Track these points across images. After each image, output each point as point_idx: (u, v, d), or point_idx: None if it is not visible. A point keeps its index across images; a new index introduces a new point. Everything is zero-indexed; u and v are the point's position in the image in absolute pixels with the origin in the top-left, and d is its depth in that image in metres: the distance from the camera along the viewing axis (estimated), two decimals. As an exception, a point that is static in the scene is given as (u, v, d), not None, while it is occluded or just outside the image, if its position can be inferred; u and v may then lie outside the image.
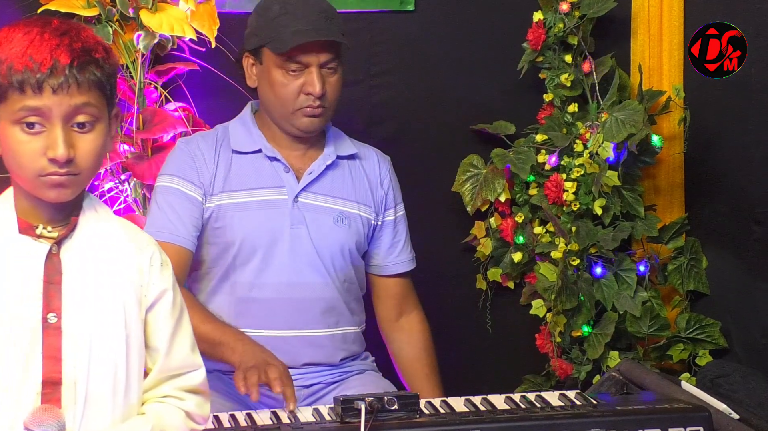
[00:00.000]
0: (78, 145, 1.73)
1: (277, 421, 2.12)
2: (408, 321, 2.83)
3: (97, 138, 1.75)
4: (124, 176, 3.13)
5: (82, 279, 1.77)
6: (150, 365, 1.84)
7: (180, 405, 1.86)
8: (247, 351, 2.38)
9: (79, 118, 1.72)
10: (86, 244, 1.80)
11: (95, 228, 1.82)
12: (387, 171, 2.78)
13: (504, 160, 3.30)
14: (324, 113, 2.62)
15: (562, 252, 3.20)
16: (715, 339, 3.28)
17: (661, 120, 3.34)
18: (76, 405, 1.74)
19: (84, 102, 1.72)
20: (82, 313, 1.76)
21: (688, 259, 3.33)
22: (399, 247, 2.79)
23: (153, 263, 1.85)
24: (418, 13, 3.39)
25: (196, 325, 2.39)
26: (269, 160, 2.64)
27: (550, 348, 3.34)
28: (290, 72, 2.57)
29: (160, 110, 3.10)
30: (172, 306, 1.86)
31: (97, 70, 1.73)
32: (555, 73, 3.32)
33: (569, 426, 2.04)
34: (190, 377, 1.87)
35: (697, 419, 2.07)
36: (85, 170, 1.75)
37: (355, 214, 2.68)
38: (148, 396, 1.85)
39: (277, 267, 2.59)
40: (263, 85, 2.62)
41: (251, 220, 2.59)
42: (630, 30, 3.41)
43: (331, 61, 2.60)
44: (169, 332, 1.85)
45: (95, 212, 1.84)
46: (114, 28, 3.03)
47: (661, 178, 3.41)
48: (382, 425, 2.01)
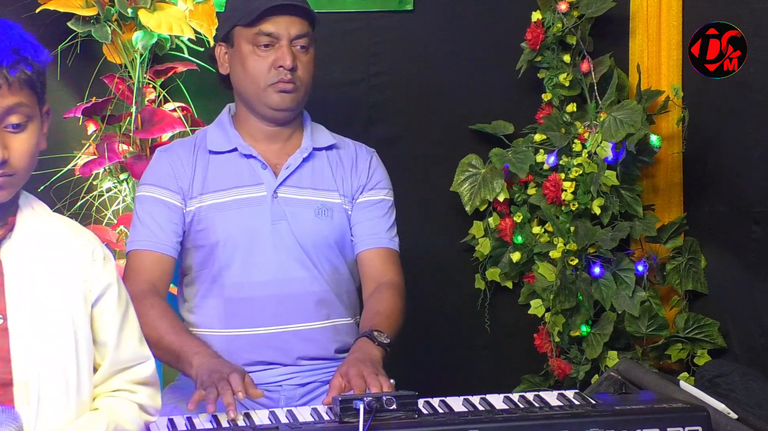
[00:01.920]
0: (12, 145, 1.71)
1: (275, 421, 2.12)
2: (378, 290, 2.67)
3: (30, 137, 1.74)
4: (123, 176, 3.13)
5: (25, 278, 1.77)
6: (99, 360, 1.84)
7: (132, 398, 1.86)
8: (202, 364, 2.34)
9: (11, 119, 1.71)
10: (26, 243, 1.79)
11: (34, 227, 1.81)
12: (366, 160, 2.73)
13: (502, 160, 3.30)
14: (296, 90, 2.61)
15: (560, 252, 3.21)
16: (714, 338, 3.28)
17: (659, 120, 3.34)
18: (29, 405, 1.74)
19: (16, 102, 1.70)
20: (28, 313, 1.75)
21: (686, 259, 3.34)
22: (371, 224, 2.69)
23: (95, 257, 1.84)
24: (416, 13, 3.39)
25: (162, 336, 2.42)
26: (245, 158, 2.63)
27: (549, 347, 3.34)
28: (261, 47, 2.58)
29: (158, 110, 3.10)
30: (118, 299, 1.86)
31: (27, 68, 1.71)
32: (553, 73, 3.33)
33: (568, 426, 2.04)
34: (139, 369, 1.88)
35: (696, 418, 2.07)
36: (20, 170, 1.73)
37: (337, 204, 2.66)
38: (99, 390, 1.84)
39: (261, 265, 2.59)
40: (235, 66, 2.63)
41: (232, 220, 2.59)
42: (628, 30, 3.41)
43: (302, 36, 2.60)
44: (116, 325, 1.84)
45: (32, 210, 1.83)
46: (112, 28, 3.03)
47: (659, 178, 3.41)
48: (381, 425, 2.01)
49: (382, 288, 2.63)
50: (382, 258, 2.68)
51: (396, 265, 2.70)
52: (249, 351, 2.57)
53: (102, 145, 3.07)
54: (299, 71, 2.60)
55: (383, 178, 2.75)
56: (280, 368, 2.60)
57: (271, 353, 2.58)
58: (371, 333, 2.47)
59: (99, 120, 3.11)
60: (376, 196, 2.71)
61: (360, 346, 2.45)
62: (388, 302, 2.60)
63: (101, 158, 3.05)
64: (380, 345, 2.46)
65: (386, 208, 2.72)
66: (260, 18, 2.56)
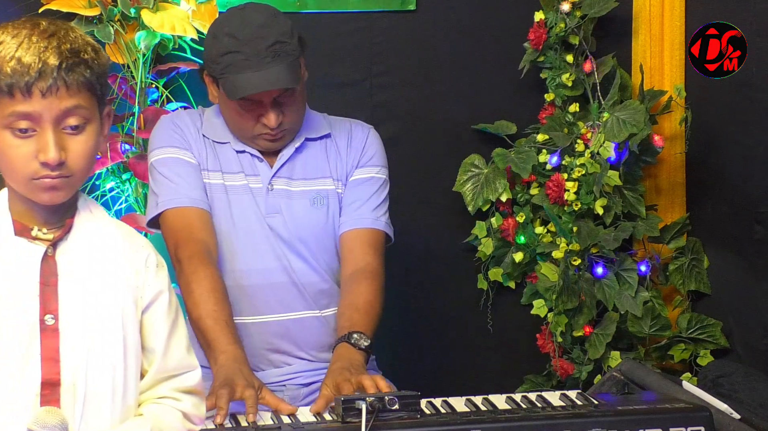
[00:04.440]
0: (69, 147, 1.72)
1: (278, 421, 2.12)
2: (354, 278, 2.57)
3: (88, 139, 1.75)
4: (126, 176, 3.13)
5: (78, 280, 1.77)
6: (146, 366, 1.84)
7: (177, 406, 1.86)
8: (223, 367, 2.31)
9: (70, 121, 1.72)
10: (81, 246, 1.80)
11: (90, 230, 1.82)
12: (361, 137, 2.69)
13: (505, 160, 3.30)
14: (285, 136, 2.59)
15: (563, 252, 3.21)
16: (717, 339, 3.28)
17: (662, 120, 3.34)
18: (75, 407, 1.74)
19: (74, 104, 1.71)
20: (79, 315, 1.76)
21: (689, 259, 3.33)
22: (357, 204, 2.64)
23: (149, 264, 1.85)
24: (419, 12, 3.39)
25: (202, 317, 2.39)
26: (239, 153, 2.62)
27: (551, 348, 3.34)
28: (245, 107, 2.53)
29: (161, 110, 3.10)
30: (168, 307, 1.86)
31: (86, 71, 1.72)
32: (556, 73, 3.33)
33: (570, 426, 2.04)
34: (186, 378, 1.87)
35: (699, 419, 2.07)
36: (78, 172, 1.74)
37: (332, 190, 2.64)
38: (144, 397, 1.85)
39: (260, 253, 2.58)
40: (223, 108, 2.60)
41: (232, 205, 2.57)
42: (631, 30, 3.41)
43: (286, 91, 2.54)
44: (165, 333, 1.85)
45: (90, 213, 1.83)
46: (115, 28, 3.04)
47: (662, 178, 3.41)
48: (383, 425, 2.01)
49: (359, 276, 2.56)
50: (362, 240, 2.61)
51: (376, 248, 2.62)
52: (249, 337, 2.56)
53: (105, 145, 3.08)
54: (287, 117, 2.55)
55: (377, 153, 2.70)
56: (284, 367, 2.60)
57: (274, 341, 2.58)
58: (350, 337, 2.43)
59: (102, 120, 3.11)
60: (366, 173, 2.67)
61: (342, 353, 2.41)
62: (366, 294, 2.53)
63: (104, 158, 3.06)
64: (362, 349, 2.42)
65: (376, 186, 2.66)
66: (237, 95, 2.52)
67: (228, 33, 2.52)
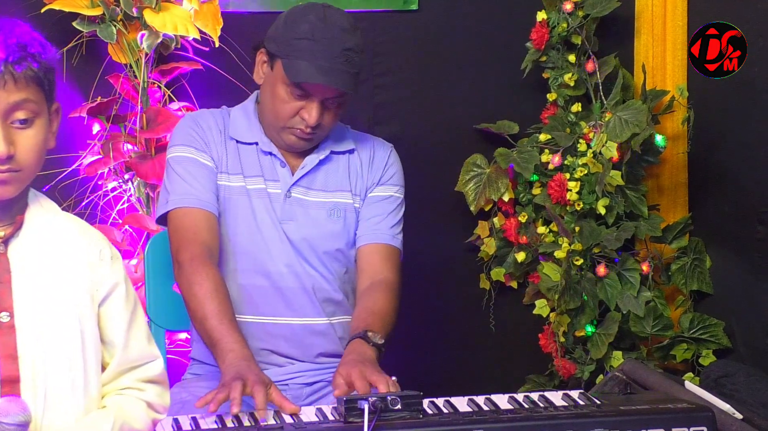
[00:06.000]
0: (18, 141, 1.72)
1: (280, 421, 2.12)
2: (372, 288, 2.62)
3: (37, 134, 1.75)
4: (128, 176, 3.13)
5: (32, 276, 1.77)
6: (108, 359, 1.85)
7: (140, 396, 1.87)
8: (231, 365, 2.30)
9: (18, 115, 1.72)
10: (34, 241, 1.79)
11: (42, 225, 1.81)
12: (383, 156, 2.72)
13: (507, 160, 3.30)
14: (313, 139, 2.61)
15: (565, 252, 3.20)
16: (719, 339, 3.28)
17: (664, 119, 3.34)
18: (36, 401, 1.74)
19: (22, 98, 1.71)
20: (35, 311, 1.76)
21: (691, 259, 3.33)
22: (376, 220, 2.68)
23: (103, 257, 1.85)
24: (421, 12, 3.39)
25: (206, 317, 2.39)
26: (265, 154, 2.64)
27: (554, 347, 3.34)
28: (294, 94, 2.55)
29: (163, 110, 3.10)
30: (125, 299, 1.86)
31: (33, 65, 1.72)
32: (558, 73, 3.33)
33: (573, 426, 2.04)
34: (148, 368, 1.88)
35: (701, 419, 2.07)
36: (27, 167, 1.74)
37: (350, 205, 2.67)
38: (107, 389, 1.85)
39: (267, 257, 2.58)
40: (266, 89, 2.61)
41: (249, 208, 2.59)
42: (633, 30, 3.41)
43: (338, 98, 2.56)
44: (124, 325, 1.85)
45: (41, 208, 1.83)
46: (118, 28, 3.04)
47: (664, 178, 3.41)
48: (386, 425, 2.01)
49: (377, 287, 2.60)
50: (380, 254, 2.66)
51: (394, 264, 2.67)
52: (256, 338, 2.57)
53: (107, 145, 3.08)
54: (323, 123, 2.57)
55: (396, 173, 2.74)
56: (287, 367, 2.61)
57: (280, 343, 2.59)
58: (365, 334, 2.44)
59: (104, 120, 3.11)
60: (386, 191, 2.71)
61: (355, 347, 2.42)
62: (383, 302, 2.57)
63: (106, 158, 3.06)
64: (374, 345, 2.43)
65: (394, 205, 2.71)
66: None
67: (309, 22, 2.52)
